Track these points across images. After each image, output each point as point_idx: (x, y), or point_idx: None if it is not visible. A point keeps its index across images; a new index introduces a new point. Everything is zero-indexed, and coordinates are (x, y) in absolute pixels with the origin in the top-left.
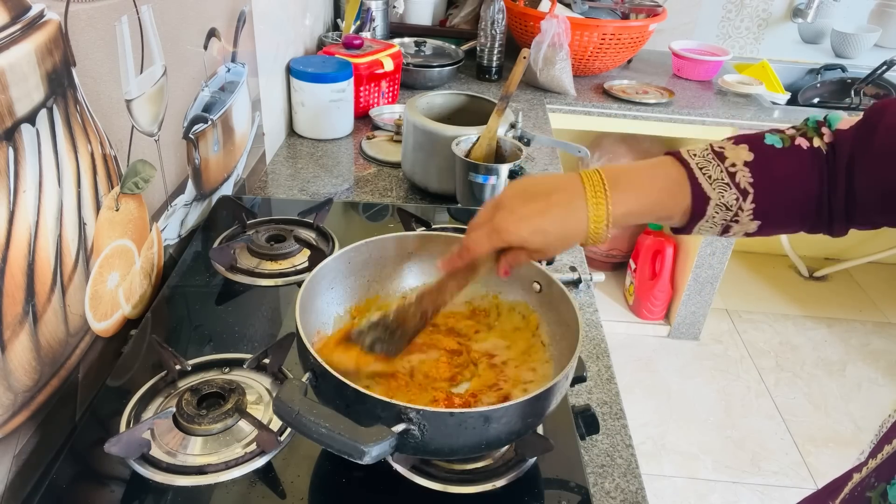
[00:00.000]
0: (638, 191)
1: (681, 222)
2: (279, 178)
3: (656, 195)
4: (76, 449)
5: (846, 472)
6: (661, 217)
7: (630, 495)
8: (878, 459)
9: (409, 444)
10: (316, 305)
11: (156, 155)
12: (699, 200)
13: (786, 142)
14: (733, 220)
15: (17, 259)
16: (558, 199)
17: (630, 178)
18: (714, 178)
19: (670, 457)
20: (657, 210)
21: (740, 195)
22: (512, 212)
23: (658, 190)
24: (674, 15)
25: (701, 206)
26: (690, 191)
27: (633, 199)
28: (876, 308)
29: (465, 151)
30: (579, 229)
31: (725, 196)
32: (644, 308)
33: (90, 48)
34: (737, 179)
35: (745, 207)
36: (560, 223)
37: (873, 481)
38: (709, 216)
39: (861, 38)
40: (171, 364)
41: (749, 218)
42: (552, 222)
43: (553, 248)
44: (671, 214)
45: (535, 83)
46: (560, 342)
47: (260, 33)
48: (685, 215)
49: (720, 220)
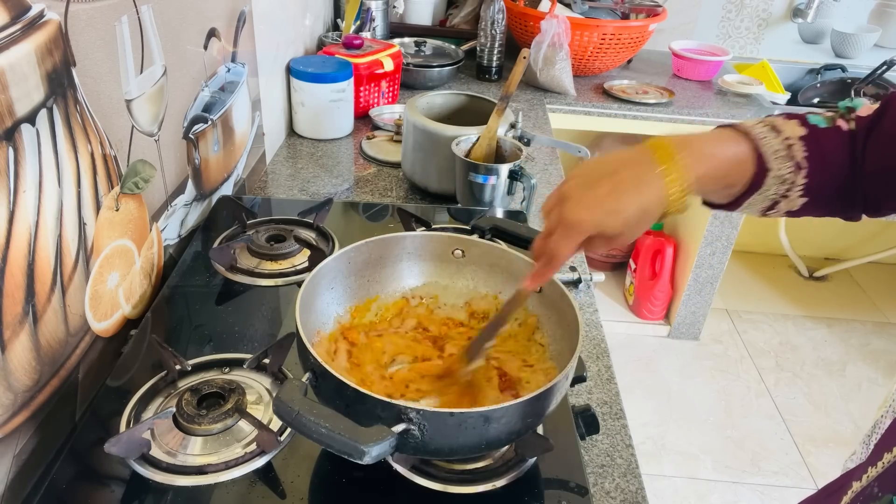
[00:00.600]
0: (710, 157)
1: (739, 192)
2: (279, 178)
3: (726, 162)
4: (76, 449)
5: (842, 478)
6: (727, 185)
7: (630, 495)
8: (879, 468)
9: (409, 444)
10: (316, 305)
11: (156, 155)
12: (760, 171)
13: (829, 122)
14: (784, 196)
15: (17, 259)
16: (627, 174)
17: (698, 144)
18: (775, 149)
19: (670, 457)
20: (727, 177)
21: (795, 168)
22: (579, 201)
23: (727, 157)
24: (674, 15)
25: (761, 177)
26: (755, 160)
27: (705, 165)
28: (876, 308)
29: (465, 151)
30: (656, 201)
31: (783, 169)
32: (644, 308)
33: (90, 48)
34: (793, 152)
35: (798, 182)
36: (635, 199)
37: (877, 492)
38: (764, 188)
39: (861, 38)
40: (171, 364)
41: (799, 193)
42: (627, 200)
43: (633, 228)
44: (735, 182)
45: (535, 83)
46: (560, 342)
47: (260, 33)
48: (746, 185)
49: (772, 195)
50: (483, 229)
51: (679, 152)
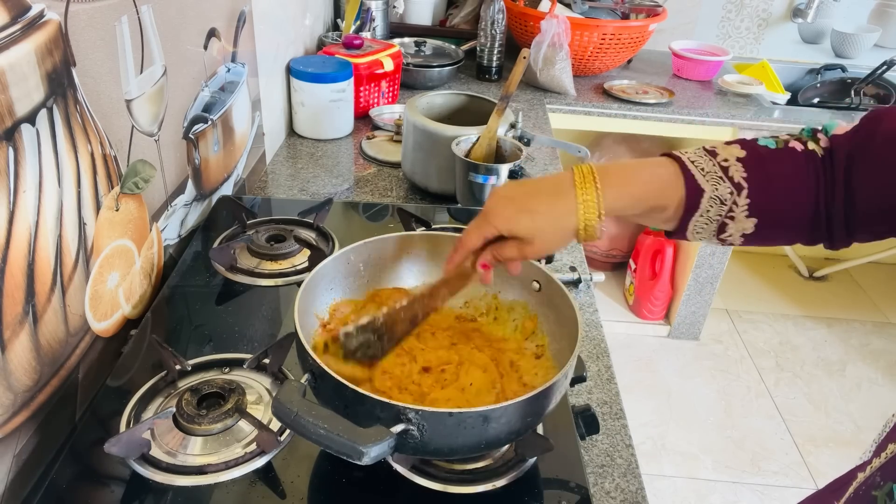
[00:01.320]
0: (630, 182)
1: (675, 216)
2: (279, 178)
3: (649, 186)
4: (76, 449)
5: (850, 471)
6: (654, 208)
7: (630, 495)
8: (883, 458)
9: (409, 445)
10: (316, 305)
11: (156, 155)
12: (693, 192)
13: (779, 144)
14: (728, 216)
15: (17, 259)
16: (547, 185)
17: (622, 170)
18: (707, 170)
19: (670, 457)
20: (650, 200)
21: (734, 189)
22: (500, 198)
23: (650, 181)
24: (674, 15)
25: (695, 199)
26: (684, 182)
27: (625, 189)
28: (876, 308)
29: (465, 151)
30: (568, 214)
31: (720, 189)
32: (644, 308)
33: (90, 48)
34: (730, 173)
35: (740, 202)
36: (548, 206)
37: (879, 480)
38: (703, 209)
39: (861, 38)
40: (171, 364)
41: (745, 214)
42: (539, 204)
43: (542, 236)
44: (665, 205)
45: (535, 83)
46: (560, 342)
47: (260, 33)
48: (679, 208)
49: (715, 216)
50: None
51: (598, 176)
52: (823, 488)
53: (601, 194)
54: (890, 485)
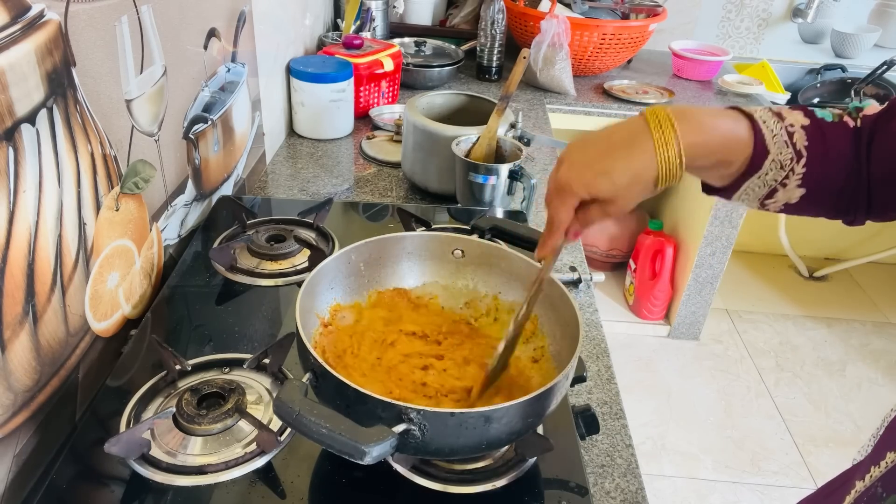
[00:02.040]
0: (709, 131)
1: (736, 173)
2: (279, 178)
3: (725, 139)
4: (76, 449)
5: (845, 473)
6: (722, 162)
7: (630, 495)
8: (882, 467)
9: (410, 445)
10: (316, 305)
11: (156, 155)
12: (759, 153)
13: (835, 117)
14: (782, 183)
15: (17, 259)
16: (620, 137)
17: (701, 117)
18: (775, 133)
19: (670, 457)
20: (723, 151)
21: (795, 156)
22: (572, 163)
23: (724, 131)
24: (674, 15)
25: (759, 159)
26: (753, 140)
27: (701, 134)
28: (876, 308)
29: (465, 151)
30: (648, 165)
31: (783, 153)
32: (644, 308)
33: (90, 48)
34: (794, 139)
35: (797, 170)
36: (625, 161)
37: (881, 492)
38: (763, 172)
39: (861, 38)
40: (171, 364)
41: (797, 183)
42: (616, 161)
43: (625, 193)
44: (732, 161)
45: (535, 83)
46: (560, 342)
47: (260, 33)
48: (743, 165)
49: (771, 180)
50: (483, 229)
51: (675, 119)
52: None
53: (680, 136)
54: (894, 497)
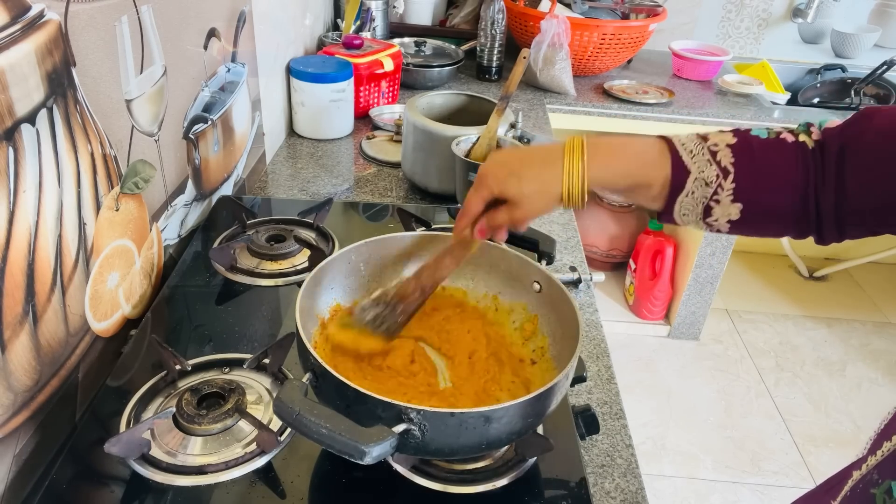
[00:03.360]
0: (617, 155)
1: (661, 195)
2: (279, 178)
3: (635, 161)
4: (76, 449)
5: (844, 470)
6: (639, 184)
7: (630, 495)
8: (879, 456)
9: (410, 445)
10: (316, 305)
11: (156, 155)
12: (679, 172)
13: (771, 134)
14: (714, 199)
15: (17, 259)
16: (539, 153)
17: (610, 144)
18: (695, 153)
19: (670, 457)
20: (635, 176)
21: (721, 172)
22: (493, 161)
23: (637, 156)
24: (674, 15)
25: (681, 178)
26: (671, 161)
27: (610, 162)
28: (876, 308)
29: (465, 151)
30: (554, 183)
31: (706, 171)
32: (644, 308)
33: (90, 48)
34: (718, 157)
35: (726, 186)
36: (536, 171)
37: (877, 478)
38: (688, 190)
39: (861, 38)
40: (171, 364)
41: (730, 198)
42: (528, 169)
43: (529, 201)
44: (650, 183)
45: (535, 83)
46: (560, 342)
47: (260, 33)
48: (665, 187)
49: (700, 197)
50: None
51: (587, 151)
52: (817, 487)
53: (587, 165)
54: (888, 482)
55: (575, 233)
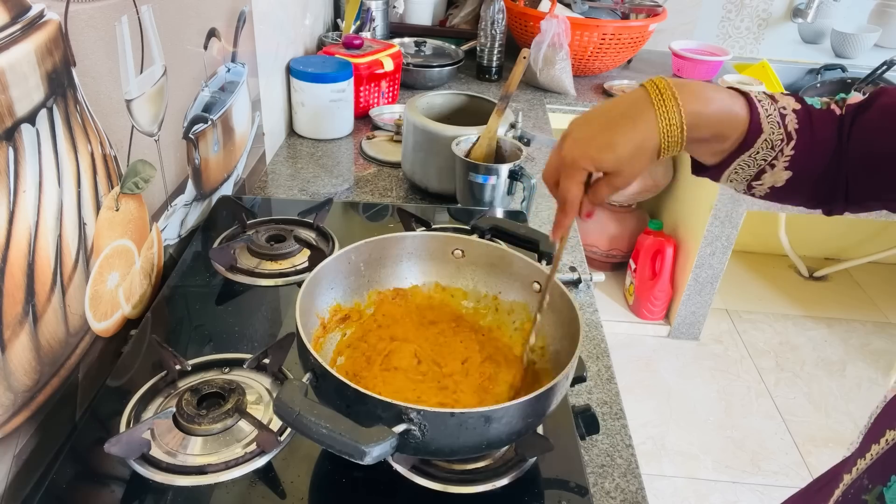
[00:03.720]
0: (709, 102)
1: (729, 149)
2: (279, 178)
3: (724, 112)
4: (76, 449)
5: (833, 469)
6: (718, 135)
7: (630, 495)
8: (868, 460)
9: (410, 445)
10: (316, 305)
11: (156, 155)
12: (753, 130)
13: (823, 105)
14: (770, 164)
15: (17, 259)
16: (621, 110)
17: (700, 89)
18: (769, 113)
19: (670, 457)
20: (720, 124)
21: (786, 137)
22: (575, 139)
23: (723, 105)
24: (674, 15)
25: (753, 137)
26: (748, 117)
27: (701, 104)
28: (876, 308)
29: (465, 151)
30: (650, 135)
31: (775, 134)
32: (644, 308)
33: (90, 48)
34: (786, 121)
35: (786, 152)
36: (628, 133)
37: (867, 483)
38: (754, 150)
39: (861, 38)
40: (171, 364)
41: (785, 165)
42: (619, 134)
43: (629, 166)
44: (727, 136)
45: (535, 83)
46: (560, 342)
47: (260, 33)
48: (737, 141)
49: (760, 160)
50: (483, 229)
51: (675, 89)
52: (807, 486)
53: (682, 108)
54: (879, 488)
55: (575, 233)
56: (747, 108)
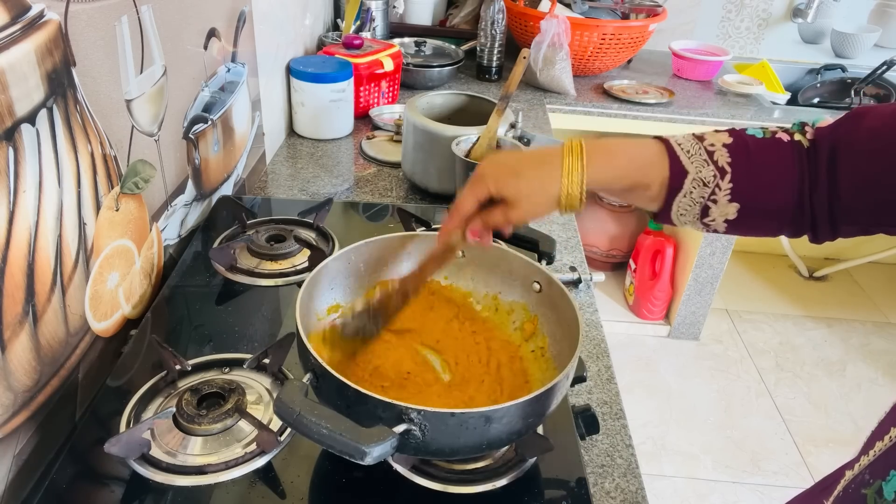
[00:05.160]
0: (615, 156)
1: (659, 195)
2: (279, 178)
3: (633, 163)
4: (76, 449)
5: (837, 470)
6: (637, 185)
7: (630, 495)
8: (871, 456)
9: (410, 445)
10: (316, 305)
11: (156, 155)
12: (677, 173)
13: (766, 133)
14: (711, 199)
15: (17, 259)
16: (538, 155)
17: (609, 145)
18: (692, 153)
19: (670, 457)
20: (634, 177)
21: (718, 172)
22: (490, 161)
23: (635, 157)
24: (674, 15)
25: (678, 179)
26: (668, 162)
27: (609, 163)
28: (876, 308)
29: (465, 151)
30: (553, 181)
31: (703, 171)
32: (644, 308)
33: (90, 48)
34: (715, 157)
35: (723, 186)
36: (535, 171)
37: (868, 478)
38: (686, 190)
39: (861, 38)
40: (171, 364)
41: (727, 198)
42: (526, 169)
43: (527, 200)
44: (648, 183)
45: (535, 83)
46: (560, 342)
47: (260, 33)
48: (663, 188)
49: (698, 197)
50: None
51: (586, 153)
52: (812, 487)
53: (585, 166)
54: (879, 482)
55: (575, 233)
56: (664, 154)
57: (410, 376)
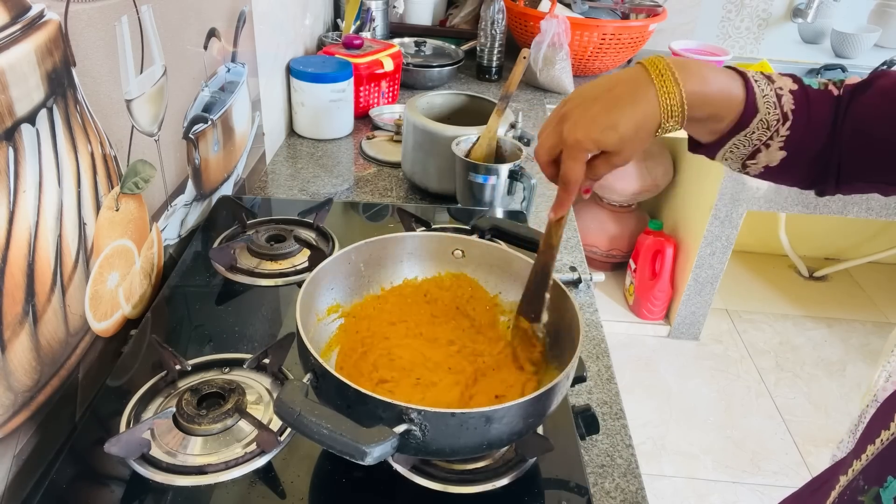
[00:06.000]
0: (708, 82)
1: (725, 129)
2: (279, 178)
3: (720, 88)
4: (76, 449)
5: (828, 471)
6: (715, 115)
7: (630, 495)
8: (863, 461)
9: (411, 445)
10: (316, 305)
11: (156, 155)
12: (749, 110)
13: (821, 85)
14: (766, 144)
15: (17, 259)
16: (622, 90)
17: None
18: (766, 94)
19: (670, 457)
20: (717, 104)
21: (782, 118)
22: (576, 120)
23: (721, 85)
24: (674, 15)
25: (748, 117)
26: (745, 97)
27: (701, 84)
28: (876, 308)
29: (465, 151)
30: (651, 115)
31: (770, 114)
32: (644, 308)
33: (90, 48)
34: (782, 102)
35: (781, 132)
36: (630, 113)
37: (863, 485)
38: (750, 130)
39: (861, 38)
40: (171, 364)
41: (780, 145)
42: (621, 115)
43: (630, 144)
44: (724, 116)
45: (535, 83)
46: (560, 342)
47: (260, 33)
48: (733, 121)
49: (756, 139)
50: (483, 229)
51: (675, 68)
52: (802, 488)
53: (682, 88)
54: (875, 489)
55: (575, 233)
56: (744, 89)
57: (415, 375)
